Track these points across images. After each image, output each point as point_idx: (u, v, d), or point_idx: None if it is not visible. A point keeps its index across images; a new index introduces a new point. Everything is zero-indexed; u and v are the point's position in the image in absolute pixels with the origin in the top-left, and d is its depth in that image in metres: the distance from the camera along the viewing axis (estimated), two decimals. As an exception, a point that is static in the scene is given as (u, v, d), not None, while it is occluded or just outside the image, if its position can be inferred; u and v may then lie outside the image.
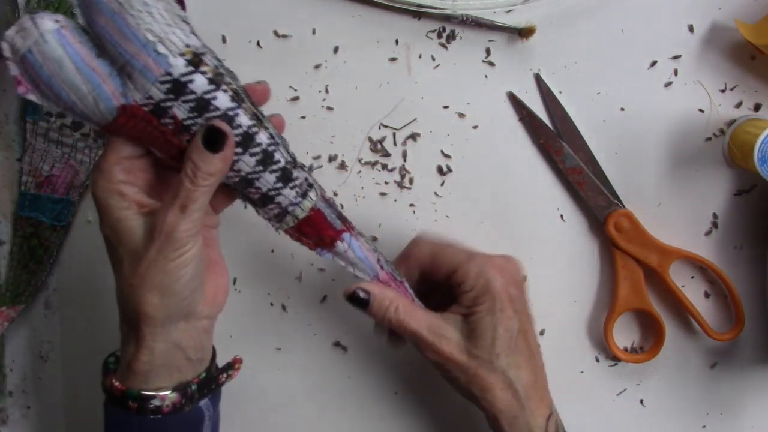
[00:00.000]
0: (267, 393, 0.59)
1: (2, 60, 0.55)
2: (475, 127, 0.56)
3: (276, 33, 0.56)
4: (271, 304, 0.58)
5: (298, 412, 0.59)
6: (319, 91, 0.56)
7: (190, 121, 0.39)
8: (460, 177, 0.57)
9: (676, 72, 0.55)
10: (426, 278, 0.50)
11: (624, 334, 0.58)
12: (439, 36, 0.56)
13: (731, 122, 0.55)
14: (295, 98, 0.56)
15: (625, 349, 0.58)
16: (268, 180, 0.42)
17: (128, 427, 0.43)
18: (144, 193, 0.41)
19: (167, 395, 0.42)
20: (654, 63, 0.55)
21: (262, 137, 0.41)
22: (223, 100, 0.39)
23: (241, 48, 0.56)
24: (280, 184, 0.42)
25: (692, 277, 0.57)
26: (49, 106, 0.39)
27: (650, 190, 0.56)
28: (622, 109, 0.56)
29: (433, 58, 0.56)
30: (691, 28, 0.55)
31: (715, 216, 0.56)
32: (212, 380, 0.45)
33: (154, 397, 0.42)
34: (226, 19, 0.56)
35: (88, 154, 0.57)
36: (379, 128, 0.56)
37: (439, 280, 0.49)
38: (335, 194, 0.57)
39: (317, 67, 0.56)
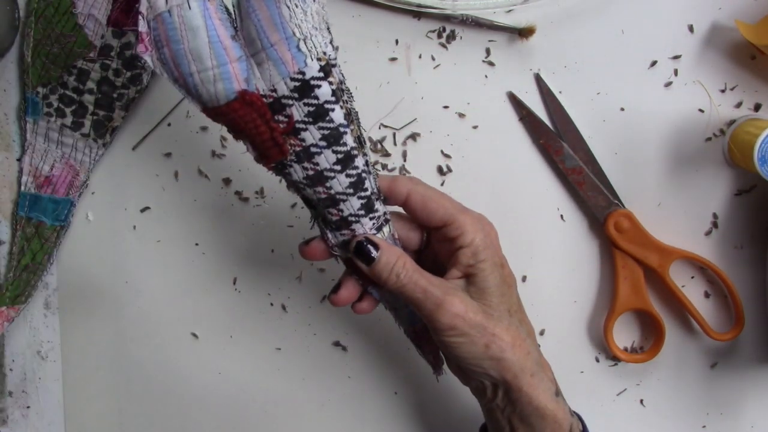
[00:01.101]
0: (267, 393, 0.59)
1: (3, 60, 0.56)
2: (475, 127, 0.56)
3: None
4: (271, 304, 0.58)
5: (298, 412, 0.59)
6: (319, 91, 0.56)
7: (301, 125, 0.39)
8: (460, 177, 0.57)
9: (676, 72, 0.55)
10: (406, 224, 0.47)
11: (624, 334, 0.58)
12: (439, 36, 0.56)
13: (731, 122, 0.55)
14: (295, 98, 0.56)
15: (625, 349, 0.58)
16: (353, 205, 0.42)
17: None
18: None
19: None
20: (654, 63, 0.55)
21: (360, 162, 0.41)
22: (338, 114, 0.39)
23: (241, 48, 0.56)
24: (362, 212, 0.43)
25: (692, 277, 0.57)
26: (161, 71, 0.38)
27: (650, 190, 0.56)
28: (622, 109, 0.56)
29: (433, 58, 0.56)
30: (691, 28, 0.55)
31: (715, 216, 0.56)
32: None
33: None
34: (226, 19, 0.56)
35: (88, 154, 0.57)
36: (379, 128, 0.56)
37: (418, 233, 0.47)
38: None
39: (317, 67, 0.56)
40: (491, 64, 0.56)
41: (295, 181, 0.42)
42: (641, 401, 0.58)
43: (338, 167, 0.41)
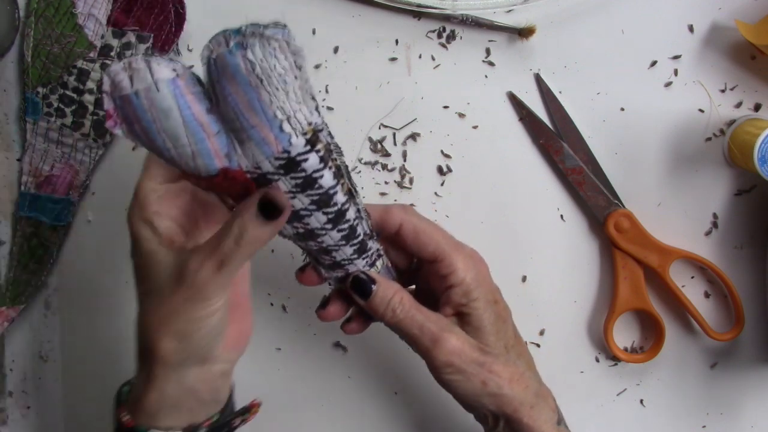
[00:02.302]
0: (267, 393, 0.59)
1: (3, 60, 0.56)
2: (475, 127, 0.56)
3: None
4: (271, 304, 0.58)
5: (298, 412, 0.59)
6: (319, 91, 0.56)
7: (290, 194, 0.37)
8: (460, 177, 0.57)
9: (676, 72, 0.55)
10: (398, 253, 0.46)
11: (624, 334, 0.58)
12: (439, 36, 0.56)
13: (731, 122, 0.55)
14: (295, 98, 0.56)
15: (625, 349, 0.58)
16: (345, 252, 0.42)
17: None
18: (178, 225, 0.40)
19: None
20: (654, 63, 0.55)
21: (351, 213, 0.40)
22: (327, 178, 0.37)
23: (241, 48, 0.56)
24: (355, 256, 0.42)
25: (692, 277, 0.57)
26: (137, 143, 0.36)
27: (650, 190, 0.56)
28: (622, 109, 0.56)
29: (433, 58, 0.56)
30: (691, 28, 0.55)
31: (715, 216, 0.56)
32: (225, 425, 0.43)
33: None
34: (226, 19, 0.56)
35: (88, 154, 0.57)
36: (379, 128, 0.56)
37: (407, 258, 0.46)
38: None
39: (317, 67, 0.56)
40: (491, 64, 0.56)
41: (286, 236, 0.41)
42: (641, 401, 0.58)
43: (329, 225, 0.39)
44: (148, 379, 0.40)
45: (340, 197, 0.39)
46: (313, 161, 0.36)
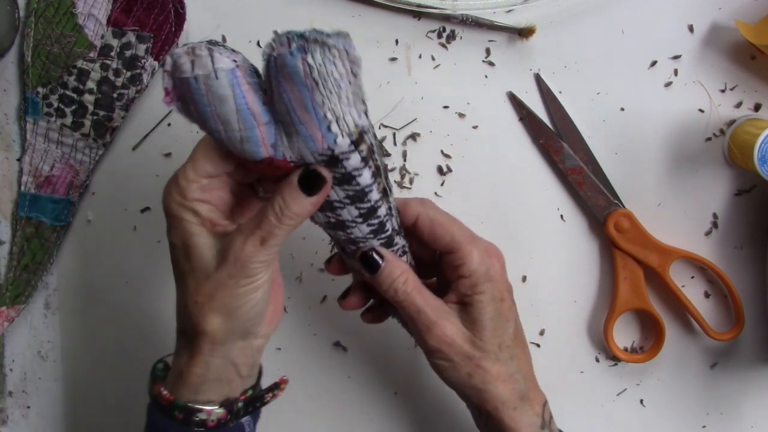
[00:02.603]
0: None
1: (3, 60, 0.56)
2: (475, 127, 0.56)
3: (276, 33, 0.56)
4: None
5: (298, 412, 0.59)
6: (319, 91, 0.56)
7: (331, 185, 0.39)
8: (460, 177, 0.57)
9: (676, 72, 0.55)
10: (419, 245, 0.47)
11: (624, 334, 0.58)
12: (439, 36, 0.56)
13: (731, 122, 0.55)
14: (295, 98, 0.56)
15: (625, 349, 0.58)
16: (372, 244, 0.43)
17: None
18: (219, 212, 0.41)
19: (214, 410, 0.42)
20: (654, 63, 0.55)
21: (383, 210, 0.42)
22: (365, 177, 0.39)
23: (241, 48, 0.55)
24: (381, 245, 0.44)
25: (692, 277, 0.57)
26: (189, 121, 0.38)
27: (650, 190, 0.56)
28: (622, 109, 0.56)
29: (433, 58, 0.56)
30: (691, 28, 0.55)
31: (715, 216, 0.56)
32: (258, 399, 0.45)
33: (200, 410, 0.41)
34: (226, 19, 0.56)
35: (88, 154, 0.57)
36: (379, 128, 0.56)
37: (432, 252, 0.47)
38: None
39: (317, 67, 0.56)
40: (491, 64, 0.56)
41: (317, 222, 0.42)
42: (641, 401, 0.58)
43: (360, 219, 0.41)
44: (193, 354, 0.41)
45: (375, 195, 0.40)
46: (354, 160, 0.38)
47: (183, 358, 0.42)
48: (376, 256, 0.43)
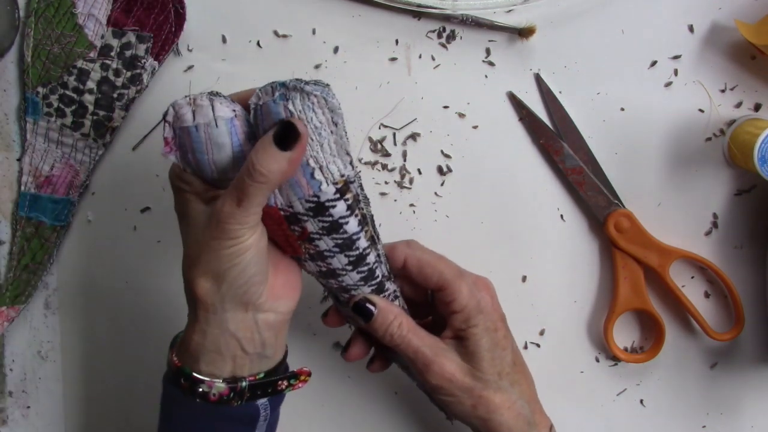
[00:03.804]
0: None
1: (3, 60, 0.56)
2: (475, 127, 0.56)
3: (276, 33, 0.56)
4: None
5: (298, 412, 0.59)
6: (319, 91, 0.56)
7: (316, 236, 0.41)
8: (460, 177, 0.57)
9: (676, 72, 0.55)
10: (410, 286, 0.49)
11: (624, 334, 0.58)
12: (439, 36, 0.56)
13: (731, 122, 0.55)
14: (295, 98, 0.56)
15: (625, 349, 0.58)
16: (363, 291, 0.45)
17: (178, 406, 0.43)
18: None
19: (215, 384, 0.42)
20: (654, 63, 0.55)
21: (371, 257, 0.43)
22: (352, 225, 0.41)
23: (241, 48, 0.56)
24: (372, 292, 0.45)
25: (692, 277, 0.57)
26: (186, 169, 0.40)
27: (650, 190, 0.56)
28: (622, 109, 0.56)
29: (433, 58, 0.56)
30: (691, 28, 0.55)
31: (715, 216, 0.56)
32: (269, 384, 0.44)
33: (202, 382, 0.42)
34: (226, 19, 0.56)
35: (88, 154, 0.57)
36: (379, 128, 0.56)
37: (422, 290, 0.48)
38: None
39: (317, 67, 0.56)
40: (491, 64, 0.56)
41: (310, 271, 0.44)
42: (641, 401, 0.58)
43: (350, 267, 0.43)
44: (191, 320, 0.42)
45: (363, 242, 0.42)
46: (340, 208, 0.40)
47: (187, 326, 0.43)
48: (368, 305, 0.45)
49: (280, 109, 0.38)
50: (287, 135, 0.38)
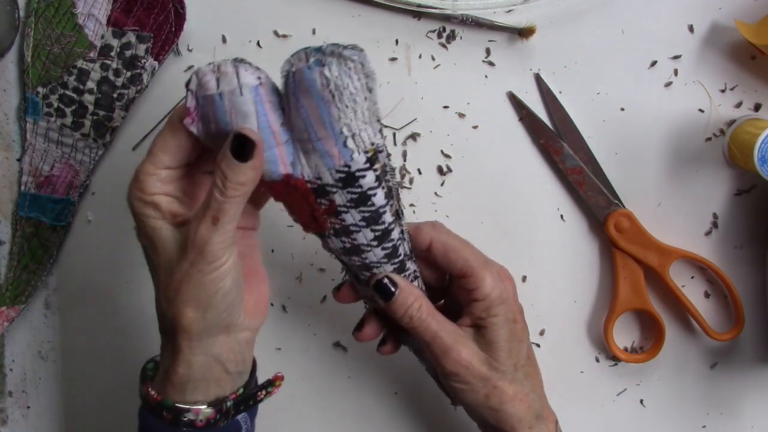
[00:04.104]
0: (267, 393, 0.59)
1: (3, 60, 0.56)
2: (475, 127, 0.56)
3: (276, 33, 0.56)
4: (272, 304, 0.58)
5: (298, 412, 0.59)
6: (319, 91, 0.56)
7: (343, 209, 0.40)
8: (460, 177, 0.57)
9: (676, 72, 0.55)
10: (429, 269, 0.48)
11: (624, 334, 0.58)
12: (439, 36, 0.56)
13: (731, 122, 0.55)
14: (295, 98, 0.56)
15: (625, 349, 0.58)
16: (386, 269, 0.44)
17: None
18: (179, 202, 0.40)
19: (202, 410, 0.41)
20: (654, 63, 0.55)
21: (395, 233, 0.42)
22: (380, 197, 0.40)
23: (241, 48, 0.56)
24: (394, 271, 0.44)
25: (692, 277, 0.57)
26: (207, 143, 0.38)
27: (650, 190, 0.56)
28: (622, 109, 0.56)
29: (433, 58, 0.56)
30: (691, 28, 0.55)
31: (715, 216, 0.56)
32: (250, 397, 0.44)
33: (188, 410, 0.41)
34: (226, 19, 0.56)
35: (88, 154, 0.57)
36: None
37: (442, 276, 0.48)
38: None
39: (317, 67, 0.56)
40: (491, 64, 0.56)
41: (332, 248, 0.43)
42: (641, 401, 0.58)
43: (375, 243, 0.42)
44: (175, 352, 0.40)
45: (388, 217, 0.41)
46: (369, 179, 0.39)
47: (167, 358, 0.41)
48: (389, 284, 0.44)
49: (315, 75, 0.36)
50: (243, 145, 0.36)
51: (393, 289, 0.44)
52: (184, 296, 0.39)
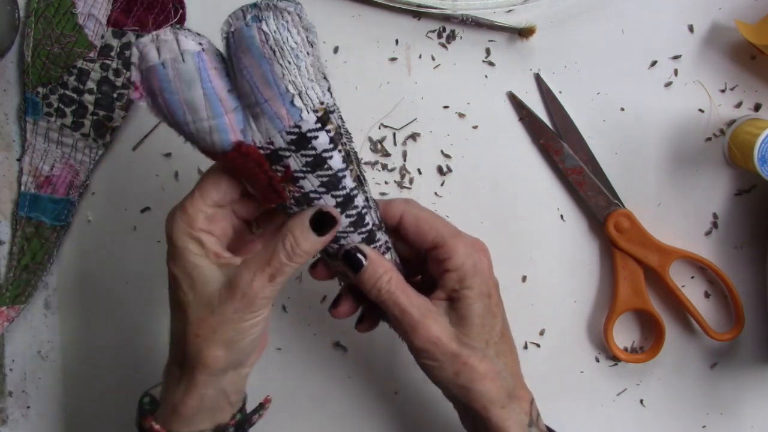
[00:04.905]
0: (267, 393, 0.59)
1: (3, 60, 0.56)
2: (475, 127, 0.56)
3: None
4: (272, 304, 0.58)
5: (298, 412, 0.59)
6: (319, 91, 0.56)
7: (300, 174, 0.39)
8: (460, 177, 0.57)
9: (676, 72, 0.55)
10: (404, 244, 0.46)
11: (624, 334, 0.58)
12: (439, 36, 0.56)
13: (731, 122, 0.55)
14: (295, 98, 0.56)
15: (625, 349, 0.58)
16: (353, 240, 0.42)
17: None
18: (221, 244, 0.41)
19: None
20: (654, 63, 0.55)
21: (360, 200, 0.41)
22: (337, 160, 0.39)
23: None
24: (363, 245, 0.43)
25: (692, 277, 0.57)
26: (158, 117, 0.38)
27: (650, 190, 0.56)
28: (622, 109, 0.56)
29: (433, 58, 0.56)
30: (691, 28, 0.55)
31: (715, 216, 0.56)
32: (245, 421, 0.45)
33: None
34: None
35: (88, 154, 0.57)
36: (379, 128, 0.56)
37: (417, 251, 0.46)
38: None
39: (317, 67, 0.56)
40: (491, 64, 0.56)
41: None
42: (641, 401, 0.58)
43: (338, 210, 0.41)
44: (188, 385, 0.41)
45: (349, 182, 0.40)
46: (323, 140, 0.38)
47: (177, 391, 0.42)
48: (359, 255, 0.42)
49: (254, 32, 0.35)
50: (323, 221, 0.39)
51: (362, 260, 0.42)
52: (219, 336, 0.40)
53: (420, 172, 0.57)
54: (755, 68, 0.55)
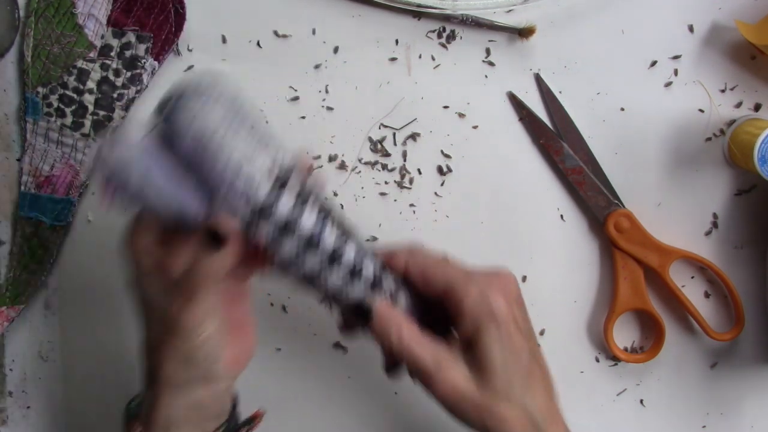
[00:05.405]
0: (267, 393, 0.59)
1: (3, 60, 0.56)
2: (475, 127, 0.56)
3: (276, 33, 0.56)
4: (271, 304, 0.58)
5: (299, 412, 0.59)
6: (319, 91, 0.56)
7: (275, 240, 0.39)
8: (460, 177, 0.57)
9: (676, 72, 0.55)
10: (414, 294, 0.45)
11: (624, 334, 0.58)
12: (439, 36, 0.56)
13: (731, 122, 0.55)
14: (295, 98, 0.56)
15: (625, 349, 0.58)
16: (355, 291, 0.41)
17: None
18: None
19: None
20: (654, 63, 0.55)
21: (349, 255, 0.40)
22: (307, 221, 0.38)
23: (241, 48, 0.56)
24: (370, 294, 0.42)
25: (692, 277, 0.57)
26: (132, 209, 0.39)
27: (650, 190, 0.56)
28: (622, 109, 0.56)
29: (433, 58, 0.56)
30: (691, 28, 0.55)
31: (715, 216, 0.56)
32: None
33: None
34: (226, 19, 0.56)
35: (89, 154, 0.57)
36: (379, 128, 0.56)
37: (429, 300, 0.44)
38: (335, 194, 0.57)
39: (317, 67, 0.56)
40: (491, 64, 0.56)
41: (293, 282, 0.42)
42: (641, 401, 0.58)
43: (326, 267, 0.40)
44: (155, 398, 0.41)
45: (329, 240, 0.39)
46: (285, 202, 0.38)
47: (149, 401, 0.42)
48: (364, 311, 0.42)
49: (177, 124, 0.36)
50: (214, 235, 0.38)
51: (368, 316, 0.42)
52: (167, 353, 0.40)
53: (420, 172, 0.57)
54: (755, 68, 0.55)
